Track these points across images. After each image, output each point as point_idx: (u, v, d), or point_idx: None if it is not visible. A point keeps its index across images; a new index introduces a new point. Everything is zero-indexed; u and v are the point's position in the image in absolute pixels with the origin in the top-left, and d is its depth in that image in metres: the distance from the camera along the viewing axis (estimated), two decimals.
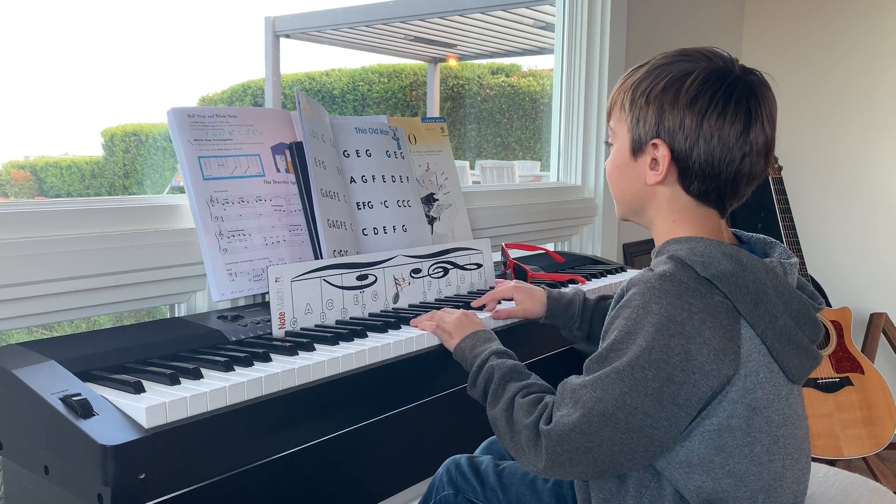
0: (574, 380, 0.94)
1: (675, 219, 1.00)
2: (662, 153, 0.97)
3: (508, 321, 1.36)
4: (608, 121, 1.06)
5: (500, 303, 1.40)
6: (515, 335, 1.32)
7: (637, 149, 1.00)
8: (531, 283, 1.65)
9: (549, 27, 6.08)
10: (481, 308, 1.39)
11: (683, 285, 0.89)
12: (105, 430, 0.82)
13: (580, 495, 1.03)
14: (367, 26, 7.13)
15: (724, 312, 0.89)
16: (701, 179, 0.96)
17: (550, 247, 2.28)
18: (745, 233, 1.05)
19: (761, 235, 1.04)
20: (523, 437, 0.95)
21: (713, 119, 0.94)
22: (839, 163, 3.03)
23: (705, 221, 0.99)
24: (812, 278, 2.76)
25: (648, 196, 1.01)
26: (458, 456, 1.26)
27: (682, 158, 0.96)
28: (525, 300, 1.35)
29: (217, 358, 1.02)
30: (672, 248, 0.95)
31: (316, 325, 1.26)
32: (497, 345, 1.13)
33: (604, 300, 1.33)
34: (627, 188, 1.04)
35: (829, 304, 2.73)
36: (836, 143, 3.03)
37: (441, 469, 1.25)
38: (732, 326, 0.90)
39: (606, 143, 1.08)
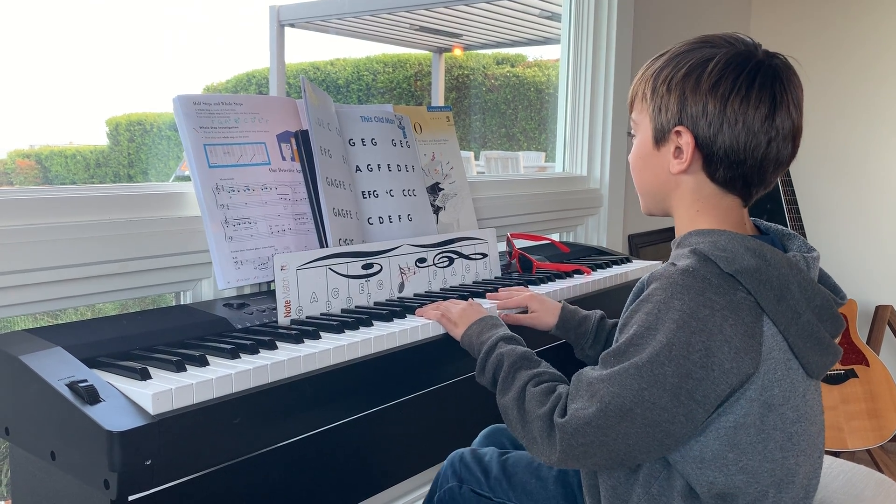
0: (590, 372, 0.93)
1: (698, 209, 0.98)
2: (686, 140, 0.95)
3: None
4: (630, 112, 1.05)
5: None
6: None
7: (660, 138, 0.98)
8: (536, 272, 1.65)
9: (555, 17, 6.05)
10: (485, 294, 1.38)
11: (706, 281, 0.88)
12: (111, 417, 0.82)
13: (586, 482, 1.03)
14: (371, 16, 7.12)
15: (747, 309, 0.88)
16: (726, 166, 0.95)
17: (556, 237, 2.27)
18: (765, 223, 1.03)
19: (779, 226, 1.03)
20: (536, 428, 0.94)
21: (737, 104, 0.92)
22: (845, 155, 3.02)
23: (728, 212, 0.98)
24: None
25: (671, 186, 0.99)
26: (461, 449, 1.26)
27: (706, 145, 0.94)
28: (539, 310, 1.31)
29: (223, 345, 1.02)
30: (694, 241, 0.94)
31: (321, 314, 1.26)
32: (504, 330, 1.12)
33: None
34: (651, 179, 1.02)
35: None
36: (843, 136, 3.01)
37: (445, 463, 1.26)
38: (755, 324, 0.88)
39: (629, 134, 1.07)
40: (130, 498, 0.84)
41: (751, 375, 0.88)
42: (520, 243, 1.79)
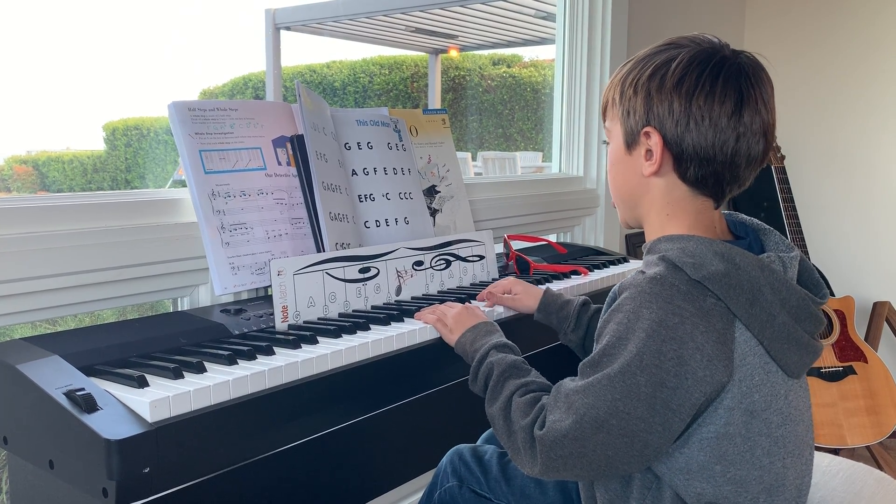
0: (568, 383, 0.93)
1: (668, 212, 0.97)
2: (655, 141, 0.94)
3: (511, 312, 1.36)
4: (604, 121, 1.04)
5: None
6: (517, 327, 1.32)
7: (630, 141, 0.98)
8: (534, 274, 1.65)
9: (550, 17, 6.05)
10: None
11: (675, 288, 0.87)
12: (109, 425, 0.82)
13: (584, 493, 1.03)
14: (367, 18, 7.12)
15: (718, 315, 0.87)
16: (697, 164, 0.94)
17: (553, 238, 2.27)
18: (741, 217, 1.02)
19: (755, 221, 1.01)
20: (519, 439, 0.94)
21: (701, 100, 0.91)
22: (842, 152, 3.02)
23: (699, 216, 0.97)
24: (815, 267, 2.75)
25: (643, 189, 0.99)
26: (461, 446, 1.26)
27: (674, 144, 0.93)
28: (521, 293, 1.33)
29: (220, 352, 1.02)
30: (663, 248, 0.93)
31: (319, 318, 1.26)
32: (498, 337, 1.12)
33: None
34: (623, 185, 1.02)
35: (832, 293, 2.72)
36: (840, 132, 3.02)
37: (445, 459, 1.25)
38: (726, 330, 0.87)
39: (604, 142, 1.06)
40: None
41: (725, 384, 0.87)
42: (517, 245, 1.80)
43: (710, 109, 0.91)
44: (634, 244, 2.55)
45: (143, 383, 0.91)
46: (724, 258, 0.89)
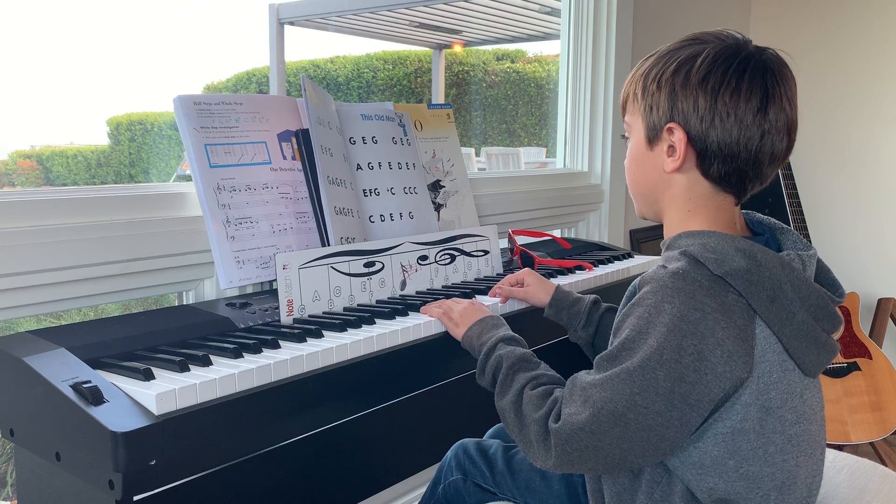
0: (584, 377, 0.92)
1: (689, 208, 0.97)
2: (678, 137, 0.94)
3: (516, 308, 1.36)
4: (623, 115, 1.03)
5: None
6: (523, 321, 1.32)
7: (652, 137, 0.97)
8: (538, 269, 1.65)
9: (554, 12, 6.04)
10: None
11: (697, 284, 0.87)
12: (115, 417, 0.82)
13: (590, 486, 1.02)
14: (371, 13, 7.11)
15: (739, 311, 0.87)
16: (720, 161, 0.93)
17: (557, 233, 2.27)
18: (758, 216, 1.02)
19: (772, 220, 1.01)
20: (532, 432, 0.94)
21: (727, 97, 0.90)
22: (847, 148, 3.01)
23: (719, 212, 0.96)
24: None
25: (664, 185, 0.98)
26: (466, 440, 1.25)
27: (699, 140, 0.93)
28: (534, 285, 1.33)
29: (226, 345, 1.03)
30: (684, 243, 0.93)
31: (324, 312, 1.26)
32: (505, 331, 1.11)
33: (613, 311, 1.27)
34: (643, 180, 1.00)
35: None
36: (845, 129, 3.01)
37: (449, 453, 1.25)
38: (747, 326, 0.87)
39: (623, 136, 1.05)
40: (135, 498, 0.84)
41: (744, 380, 0.87)
42: (521, 240, 1.79)
43: (735, 106, 0.91)
44: (639, 240, 2.55)
45: (149, 376, 0.91)
46: (746, 254, 0.88)
